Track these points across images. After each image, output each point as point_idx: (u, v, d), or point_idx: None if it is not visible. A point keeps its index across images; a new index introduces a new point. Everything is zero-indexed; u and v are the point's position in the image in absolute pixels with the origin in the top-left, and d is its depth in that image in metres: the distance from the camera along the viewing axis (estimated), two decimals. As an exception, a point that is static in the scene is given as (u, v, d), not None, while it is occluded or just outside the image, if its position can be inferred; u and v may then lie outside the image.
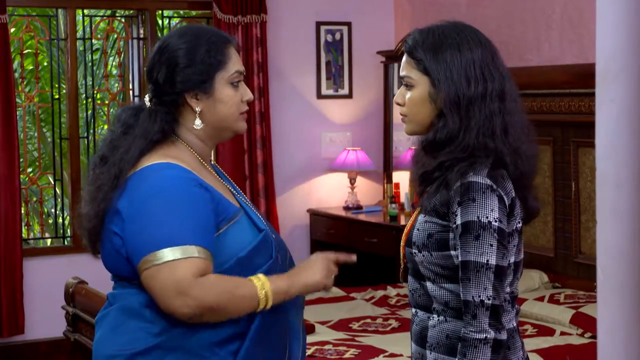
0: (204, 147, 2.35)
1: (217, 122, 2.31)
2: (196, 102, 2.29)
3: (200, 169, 2.31)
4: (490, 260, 2.15)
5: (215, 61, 2.29)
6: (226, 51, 2.31)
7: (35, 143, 7.90)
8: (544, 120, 5.28)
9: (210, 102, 2.29)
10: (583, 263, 5.23)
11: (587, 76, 5.13)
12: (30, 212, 6.85)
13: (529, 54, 5.85)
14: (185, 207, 2.19)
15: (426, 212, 2.27)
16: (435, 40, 2.29)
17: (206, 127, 2.32)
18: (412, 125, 2.34)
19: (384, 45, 7.02)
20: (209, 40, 2.31)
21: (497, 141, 2.24)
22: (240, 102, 2.32)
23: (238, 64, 2.33)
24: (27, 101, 7.17)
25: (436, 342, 2.26)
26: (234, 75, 2.31)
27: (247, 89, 2.35)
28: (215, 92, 2.29)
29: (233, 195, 2.36)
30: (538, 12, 5.79)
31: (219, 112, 2.30)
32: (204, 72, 2.28)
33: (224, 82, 2.30)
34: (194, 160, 2.32)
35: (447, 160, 2.23)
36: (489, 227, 2.16)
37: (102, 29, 7.50)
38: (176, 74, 2.29)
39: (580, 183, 5.25)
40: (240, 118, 2.33)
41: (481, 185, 2.17)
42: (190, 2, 6.78)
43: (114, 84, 8.00)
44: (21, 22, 7.49)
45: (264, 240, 2.31)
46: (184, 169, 2.24)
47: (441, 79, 2.26)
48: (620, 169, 1.73)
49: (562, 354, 4.26)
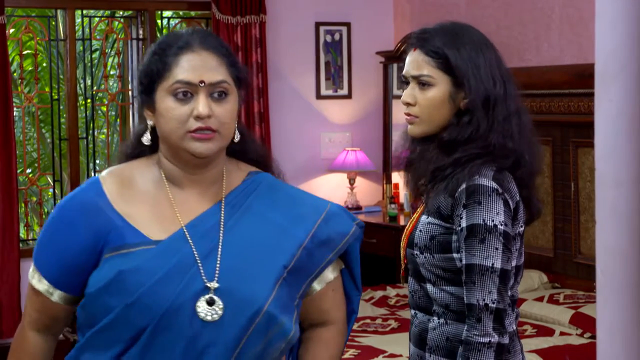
0: (173, 167, 2.01)
1: (164, 140, 1.98)
2: (149, 115, 2.00)
3: (149, 190, 2.01)
4: (495, 264, 2.15)
5: (155, 68, 1.96)
6: (174, 58, 1.95)
7: (35, 144, 7.90)
8: (543, 120, 5.28)
9: (157, 116, 1.97)
10: (582, 263, 5.23)
11: (586, 76, 5.14)
12: (29, 213, 6.84)
13: (528, 54, 5.85)
14: (50, 230, 2.00)
15: (429, 213, 2.26)
16: (455, 39, 2.26)
17: (162, 145, 2.01)
18: (424, 126, 2.28)
19: (384, 45, 7.01)
20: (161, 44, 2.00)
21: (515, 142, 2.24)
22: (185, 118, 1.92)
23: (186, 72, 1.93)
24: (26, 102, 7.17)
25: (436, 345, 2.25)
26: (174, 85, 1.92)
27: (202, 102, 1.92)
28: (156, 105, 1.96)
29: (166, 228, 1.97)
30: (537, 12, 5.79)
31: (161, 127, 1.97)
32: (146, 82, 1.98)
33: (163, 93, 1.95)
34: (152, 178, 2.02)
35: (464, 156, 2.22)
36: (494, 231, 2.15)
37: (102, 30, 7.50)
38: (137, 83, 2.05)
39: (579, 183, 5.25)
40: (188, 137, 1.92)
41: (487, 188, 2.16)
42: (189, 3, 6.78)
43: (113, 85, 7.99)
44: (20, 23, 7.48)
45: (135, 278, 1.91)
46: (94, 189, 1.99)
47: (470, 77, 2.23)
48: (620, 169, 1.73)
49: (562, 354, 4.25)
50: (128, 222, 1.95)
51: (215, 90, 1.93)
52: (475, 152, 2.21)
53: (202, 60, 1.94)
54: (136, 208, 1.98)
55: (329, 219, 2.05)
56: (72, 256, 1.96)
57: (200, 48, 1.95)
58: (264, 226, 2.00)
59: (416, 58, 2.28)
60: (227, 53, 1.99)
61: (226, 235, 1.96)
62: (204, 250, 1.94)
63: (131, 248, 1.93)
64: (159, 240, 1.94)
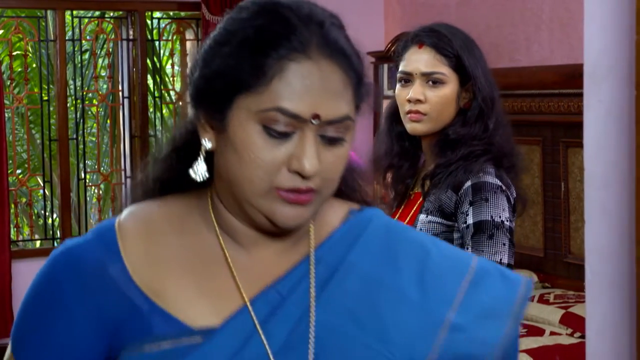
0: (233, 220, 1.27)
1: (230, 184, 1.23)
2: (208, 133, 1.25)
3: (193, 246, 1.28)
4: (503, 259, 2.18)
5: (241, 72, 1.18)
6: (278, 64, 1.17)
7: (24, 145, 7.88)
8: (533, 120, 5.29)
9: (223, 142, 1.22)
10: (573, 263, 5.24)
11: (576, 77, 5.12)
12: (19, 214, 6.82)
13: (518, 54, 5.86)
14: (32, 308, 1.27)
15: (429, 212, 2.27)
16: (465, 40, 2.31)
17: (221, 184, 1.26)
18: (431, 124, 2.30)
19: (374, 46, 7.01)
20: (258, 30, 1.20)
21: (510, 142, 2.31)
22: (277, 167, 1.19)
23: (296, 97, 1.17)
24: (16, 103, 7.15)
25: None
26: (270, 113, 1.17)
27: (309, 150, 1.18)
28: (228, 126, 1.20)
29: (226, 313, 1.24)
30: (528, 13, 5.80)
31: (229, 165, 1.21)
32: (219, 85, 1.21)
33: (248, 115, 1.18)
34: (196, 229, 1.29)
35: (469, 154, 2.25)
36: (502, 227, 2.18)
37: (92, 30, 7.48)
38: (192, 77, 1.27)
39: (569, 183, 5.26)
40: (273, 195, 1.20)
41: (492, 185, 2.20)
42: (179, 3, 6.77)
43: (103, 86, 7.97)
44: (10, 24, 7.46)
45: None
46: (104, 244, 1.26)
47: (479, 77, 2.28)
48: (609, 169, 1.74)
49: (552, 354, 4.26)
50: (157, 304, 1.24)
51: (329, 130, 1.19)
52: (480, 150, 2.25)
53: (321, 79, 1.18)
54: (170, 279, 1.25)
55: (479, 281, 1.30)
56: (66, 354, 1.25)
57: (320, 54, 1.19)
58: (379, 297, 1.26)
59: (428, 56, 2.29)
60: (357, 63, 1.24)
61: (319, 313, 1.24)
62: (282, 341, 1.23)
63: (162, 342, 1.22)
64: (208, 328, 1.22)
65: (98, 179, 6.95)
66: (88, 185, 7.31)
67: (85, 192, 6.82)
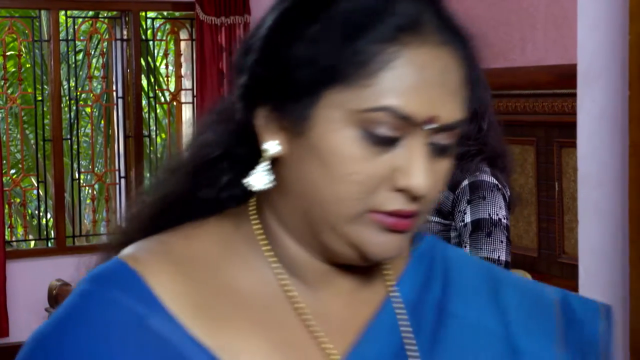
0: (300, 252, 0.97)
1: (303, 199, 0.94)
2: (275, 132, 0.95)
3: (251, 290, 0.98)
4: (501, 257, 2.20)
5: (332, 59, 0.90)
6: (384, 49, 0.90)
7: (18, 145, 7.86)
8: (527, 120, 5.29)
9: (301, 147, 0.93)
10: (567, 263, 5.25)
11: (570, 77, 5.13)
12: (13, 214, 6.81)
13: (513, 54, 5.86)
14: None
15: None
16: None
17: (285, 201, 0.97)
18: None
19: (368, 46, 7.02)
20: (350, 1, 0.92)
21: (502, 143, 2.34)
22: (377, 182, 0.91)
23: (411, 93, 0.90)
24: (9, 103, 7.14)
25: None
26: (375, 114, 0.89)
27: (419, 163, 0.91)
28: (310, 128, 0.92)
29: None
30: (522, 12, 5.80)
31: (309, 178, 0.93)
32: (303, 75, 0.92)
33: (341, 115, 0.91)
34: (247, 265, 0.99)
35: (465, 153, 2.27)
36: (499, 224, 2.21)
37: (86, 30, 7.47)
38: (245, 62, 1.01)
39: (563, 183, 5.27)
40: (367, 219, 0.92)
41: (489, 183, 2.23)
42: (173, 3, 6.76)
43: (97, 86, 7.96)
44: (4, 24, 7.45)
45: None
46: (128, 287, 0.94)
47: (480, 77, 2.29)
48: (602, 169, 1.74)
49: (546, 354, 4.27)
50: None
51: (440, 137, 0.94)
52: (475, 150, 2.28)
53: (441, 71, 0.93)
54: (229, 330, 0.95)
55: (566, 312, 1.08)
56: None
57: (438, 38, 0.95)
58: (481, 342, 1.01)
59: None
60: (475, 51, 1.04)
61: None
62: None
63: None
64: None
65: (92, 179, 6.94)
66: (82, 185, 7.30)
67: (80, 192, 6.82)
